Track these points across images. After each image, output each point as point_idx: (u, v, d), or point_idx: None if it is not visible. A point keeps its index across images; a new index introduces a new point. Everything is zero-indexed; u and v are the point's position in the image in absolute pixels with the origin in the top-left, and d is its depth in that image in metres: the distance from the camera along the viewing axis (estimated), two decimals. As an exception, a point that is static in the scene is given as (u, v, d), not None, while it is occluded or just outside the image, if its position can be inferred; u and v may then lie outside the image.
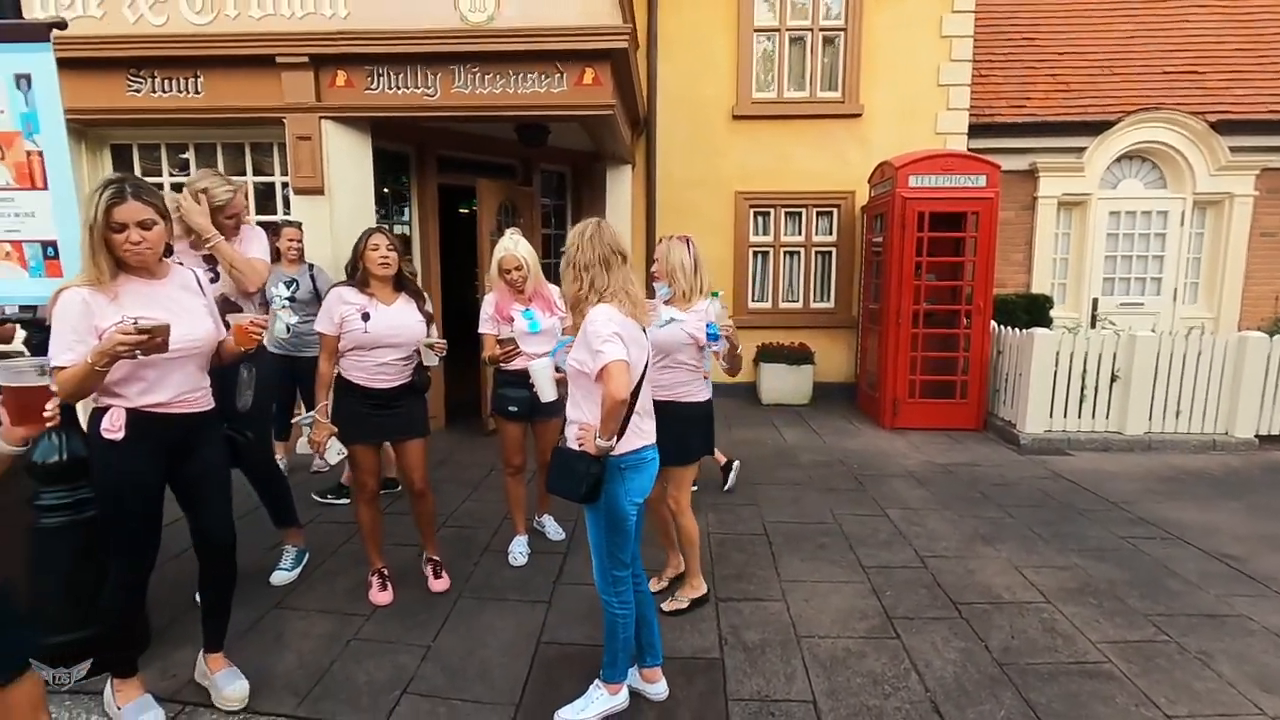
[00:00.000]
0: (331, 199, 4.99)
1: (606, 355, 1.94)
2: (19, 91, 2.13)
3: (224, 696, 2.20)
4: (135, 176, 1.98)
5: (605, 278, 2.07)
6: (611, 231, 2.14)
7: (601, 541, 2.17)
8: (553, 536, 3.60)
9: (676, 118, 7.21)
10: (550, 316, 3.19)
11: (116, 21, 4.95)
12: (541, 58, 4.70)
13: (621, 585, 2.19)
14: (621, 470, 2.10)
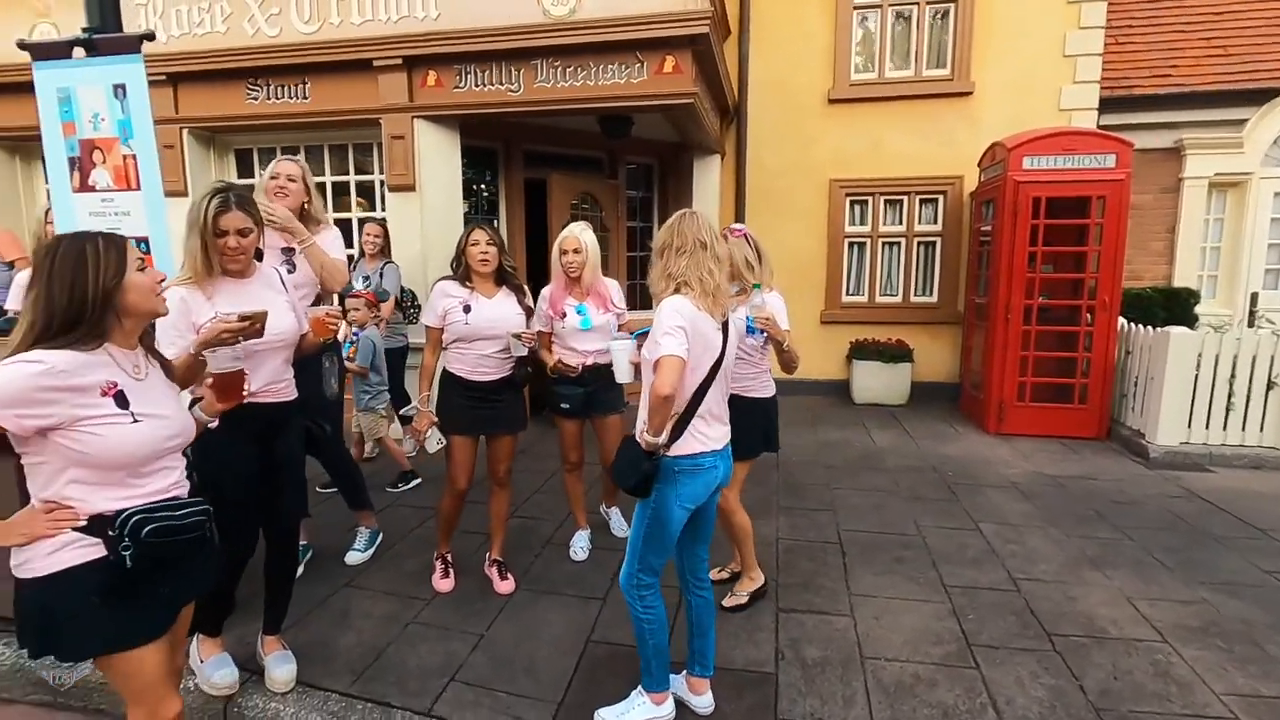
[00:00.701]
0: (422, 195, 5.18)
1: (661, 348, 1.90)
2: (116, 100, 2.32)
3: (272, 678, 2.31)
4: (238, 186, 2.14)
5: (680, 266, 2.01)
6: (699, 220, 2.06)
7: (638, 540, 2.10)
8: (616, 532, 3.56)
9: (768, 104, 6.96)
10: (604, 313, 3.11)
11: (238, 35, 5.36)
12: (621, 48, 4.66)
13: (646, 591, 2.12)
14: (675, 473, 2.02)
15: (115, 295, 1.46)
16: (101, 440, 1.41)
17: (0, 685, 2.47)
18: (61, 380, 1.37)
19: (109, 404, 1.43)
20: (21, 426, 1.35)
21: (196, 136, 5.68)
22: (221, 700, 2.28)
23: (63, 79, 2.34)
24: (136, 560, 1.45)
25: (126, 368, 1.50)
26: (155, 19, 5.48)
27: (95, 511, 1.45)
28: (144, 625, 1.53)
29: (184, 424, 1.62)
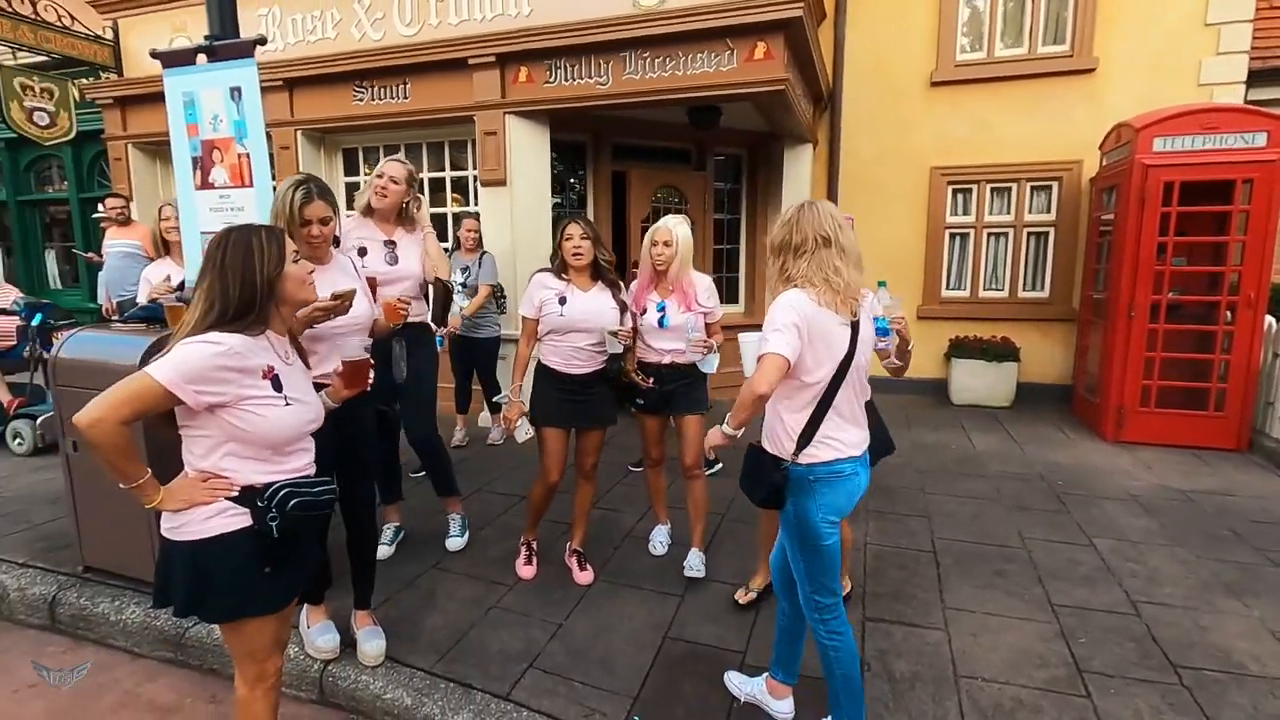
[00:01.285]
0: (512, 189, 5.30)
1: (768, 344, 1.82)
2: (233, 102, 2.47)
3: (363, 652, 2.42)
4: (318, 179, 2.25)
5: (801, 269, 1.89)
6: (820, 212, 1.92)
7: (798, 560, 1.98)
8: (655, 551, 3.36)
9: (865, 89, 6.65)
10: (685, 312, 2.96)
11: (346, 40, 5.67)
12: (711, 35, 4.57)
13: (828, 613, 1.97)
14: (812, 483, 1.89)
15: (277, 284, 1.57)
16: (262, 419, 1.53)
17: (130, 641, 2.72)
18: (236, 361, 1.48)
19: (267, 386, 1.54)
20: (198, 401, 1.46)
21: (309, 137, 6.04)
22: (321, 664, 2.41)
23: (187, 84, 2.54)
24: (281, 531, 1.56)
25: (280, 353, 1.63)
26: (274, 29, 5.87)
27: (246, 483, 1.56)
28: (280, 593, 1.67)
29: (319, 409, 1.75)
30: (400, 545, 3.32)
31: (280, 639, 1.77)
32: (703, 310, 2.99)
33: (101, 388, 1.46)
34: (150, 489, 1.53)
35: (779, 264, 1.96)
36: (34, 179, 9.00)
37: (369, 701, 2.31)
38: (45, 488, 4.03)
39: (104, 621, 2.75)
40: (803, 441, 1.88)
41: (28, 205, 9.00)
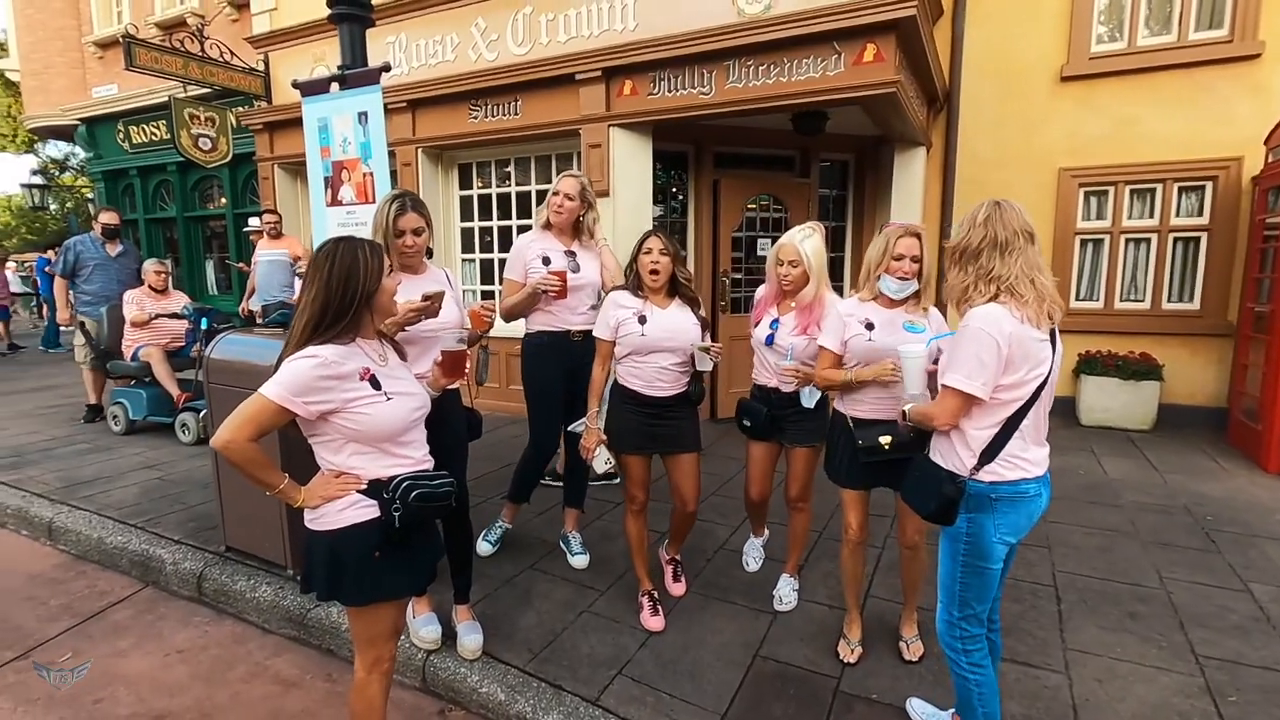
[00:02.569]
0: (614, 201, 5.40)
1: (953, 379, 1.71)
2: (360, 125, 2.68)
3: (462, 645, 2.53)
4: (413, 194, 2.41)
5: (1011, 269, 1.70)
6: (1014, 210, 1.76)
7: (953, 580, 1.85)
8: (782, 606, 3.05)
9: (985, 88, 6.27)
10: (798, 335, 2.64)
11: (464, 62, 6.00)
12: (817, 40, 4.47)
13: (972, 643, 1.87)
14: (993, 501, 1.76)
15: (375, 296, 1.70)
16: (369, 418, 1.66)
17: (261, 617, 2.98)
18: (333, 370, 1.61)
19: (366, 387, 1.67)
20: (310, 411, 1.61)
21: (428, 154, 6.44)
22: (425, 653, 2.55)
23: (322, 110, 2.78)
24: (403, 520, 1.67)
25: (373, 355, 1.75)
26: (401, 54, 6.31)
27: (373, 477, 1.70)
28: (406, 580, 1.81)
29: (424, 398, 1.87)
30: (503, 544, 3.44)
31: (397, 627, 1.89)
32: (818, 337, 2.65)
33: (245, 385, 1.64)
34: (291, 491, 1.69)
35: (977, 265, 1.75)
36: (198, 197, 10.15)
37: (466, 694, 2.42)
38: (201, 473, 4.50)
39: (240, 597, 3.04)
40: (985, 459, 1.75)
41: (193, 220, 10.16)
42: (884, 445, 2.26)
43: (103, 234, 6.05)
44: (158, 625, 2.97)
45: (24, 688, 2.56)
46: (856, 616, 2.59)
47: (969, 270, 1.77)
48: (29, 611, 3.09)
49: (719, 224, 6.09)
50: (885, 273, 2.34)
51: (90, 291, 5.93)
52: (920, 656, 2.50)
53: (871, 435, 2.29)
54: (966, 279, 1.77)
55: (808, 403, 2.65)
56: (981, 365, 1.66)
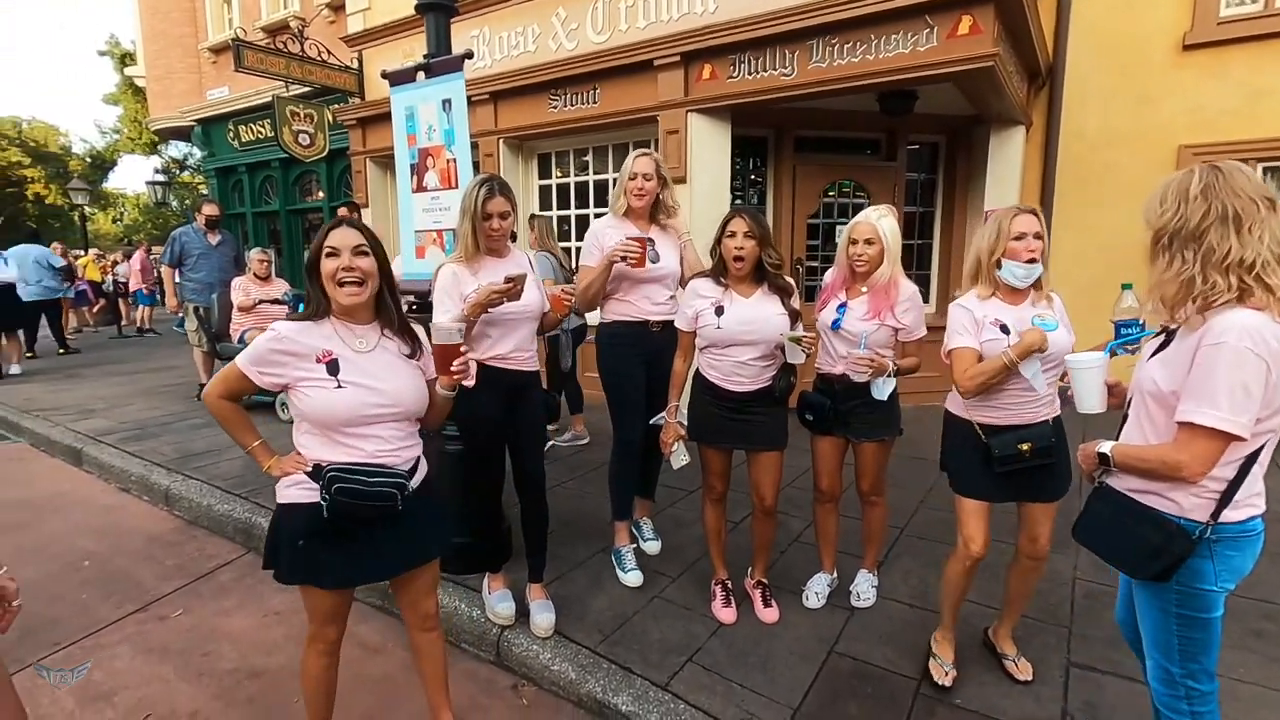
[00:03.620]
0: (691, 187, 5.34)
1: (1210, 418, 1.32)
2: (444, 113, 2.75)
3: (535, 623, 2.58)
4: (500, 178, 2.42)
5: (1239, 243, 1.32)
6: (1242, 173, 1.38)
7: (1166, 633, 1.52)
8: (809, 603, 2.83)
9: (1094, 60, 5.80)
10: (870, 320, 2.46)
11: (544, 53, 6.08)
12: (908, 13, 4.26)
13: (1201, 703, 1.51)
14: (1212, 543, 1.43)
15: (315, 275, 1.69)
16: (310, 400, 1.65)
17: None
18: (284, 345, 1.65)
19: (320, 369, 1.65)
20: (262, 381, 1.67)
21: (509, 144, 6.57)
22: (499, 629, 2.61)
23: (409, 99, 2.86)
24: (330, 510, 1.62)
25: (349, 341, 1.71)
26: (484, 47, 6.46)
27: (316, 460, 1.69)
28: (334, 574, 1.72)
29: (399, 397, 1.73)
30: (576, 527, 3.48)
31: (339, 613, 1.82)
32: (895, 326, 2.48)
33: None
34: (260, 455, 1.76)
35: (1194, 257, 1.37)
36: (298, 191, 10.78)
37: (538, 670, 2.46)
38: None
39: (331, 566, 3.20)
40: (1223, 503, 1.41)
41: (293, 213, 10.80)
42: (1025, 452, 2.05)
43: (205, 225, 6.49)
44: (258, 588, 3.17)
45: (143, 638, 2.79)
46: (952, 635, 2.35)
47: (1187, 258, 1.38)
48: (148, 569, 3.37)
49: (795, 211, 5.94)
50: (1005, 258, 2.06)
51: (196, 279, 6.38)
52: (1032, 678, 2.28)
53: (1008, 443, 2.06)
54: (1186, 270, 1.38)
55: (880, 395, 2.45)
56: (1247, 397, 1.30)
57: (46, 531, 3.81)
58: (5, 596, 1.44)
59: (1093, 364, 1.70)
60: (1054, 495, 2.19)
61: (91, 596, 3.11)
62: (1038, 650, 2.45)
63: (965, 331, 2.12)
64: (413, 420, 1.82)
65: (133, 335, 12.39)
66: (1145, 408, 1.51)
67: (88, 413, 6.06)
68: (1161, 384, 1.43)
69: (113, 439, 5.16)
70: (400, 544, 1.78)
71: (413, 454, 1.81)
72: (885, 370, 2.41)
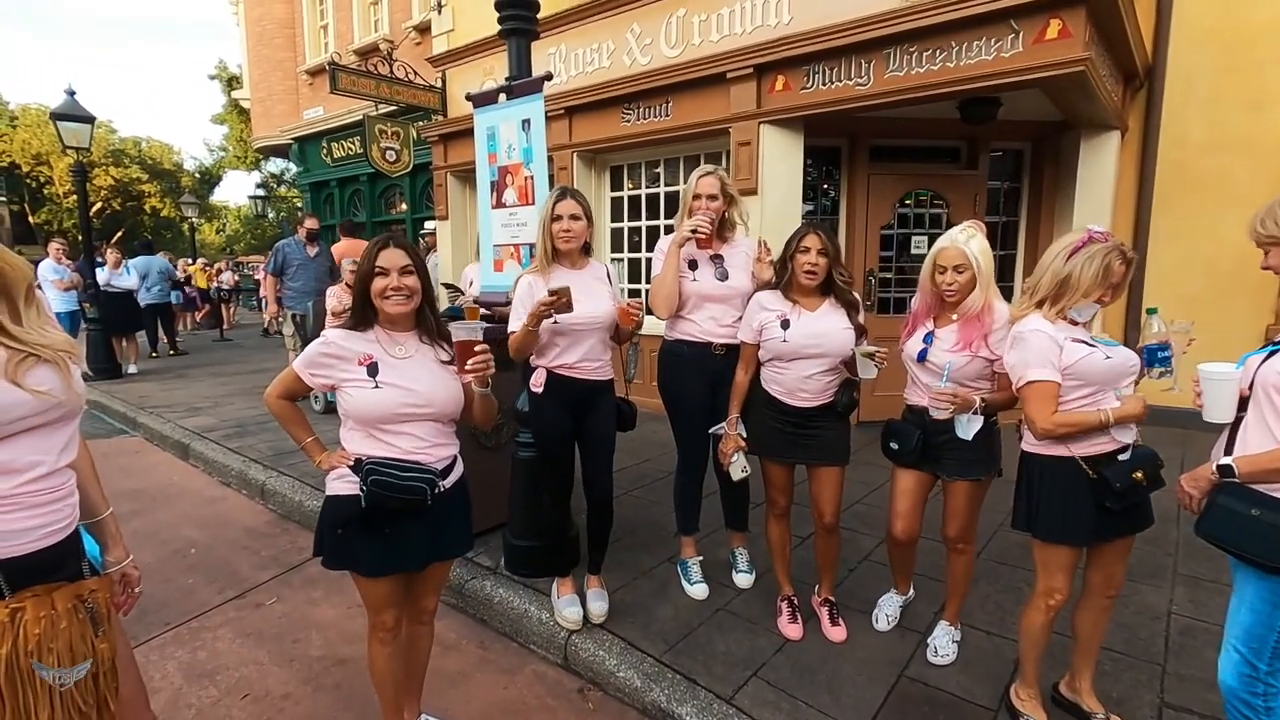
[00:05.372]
0: (762, 199, 5.33)
1: None
2: (524, 132, 2.87)
3: (590, 610, 2.70)
4: (575, 188, 2.52)
5: None
6: None
7: (1269, 629, 1.61)
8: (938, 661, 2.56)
9: (1198, 61, 5.45)
10: (960, 351, 2.26)
11: (618, 68, 6.22)
12: (992, 19, 4.13)
13: (1275, 698, 1.62)
14: None
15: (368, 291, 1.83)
16: (352, 399, 1.80)
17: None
18: (332, 350, 1.81)
19: (361, 372, 1.80)
20: (314, 382, 1.83)
21: (582, 157, 6.73)
22: (567, 632, 2.68)
23: (491, 120, 3.00)
24: (366, 500, 1.76)
25: (389, 348, 1.85)
26: (560, 64, 6.65)
27: (357, 454, 1.83)
28: (372, 562, 1.85)
29: (432, 398, 1.84)
30: (636, 536, 3.53)
31: (391, 600, 1.94)
32: (989, 357, 2.25)
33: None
34: (313, 450, 1.91)
35: None
36: (384, 204, 11.36)
37: (604, 676, 2.51)
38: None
39: (409, 564, 3.36)
40: None
41: (379, 224, 11.38)
42: (1140, 480, 1.89)
43: (306, 237, 6.94)
44: (343, 580, 3.33)
45: (241, 623, 3.01)
46: (1037, 692, 2.18)
47: None
48: (245, 559, 3.63)
49: (868, 223, 5.83)
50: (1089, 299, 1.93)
51: (295, 288, 6.82)
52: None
53: (1123, 474, 1.89)
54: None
55: (964, 434, 2.23)
56: None
57: (157, 520, 4.16)
58: (130, 582, 1.61)
59: (1230, 375, 1.72)
60: (1148, 524, 2.02)
61: (196, 582, 3.38)
62: (1126, 687, 2.32)
63: (1049, 363, 1.90)
64: (447, 421, 1.93)
65: (231, 339, 13.32)
66: (1273, 406, 1.57)
67: (194, 410, 6.57)
68: None
69: (215, 435, 5.58)
70: (429, 539, 1.90)
71: (446, 453, 1.92)
72: (971, 406, 2.19)
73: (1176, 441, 4.29)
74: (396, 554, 1.86)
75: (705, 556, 3.14)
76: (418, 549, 1.89)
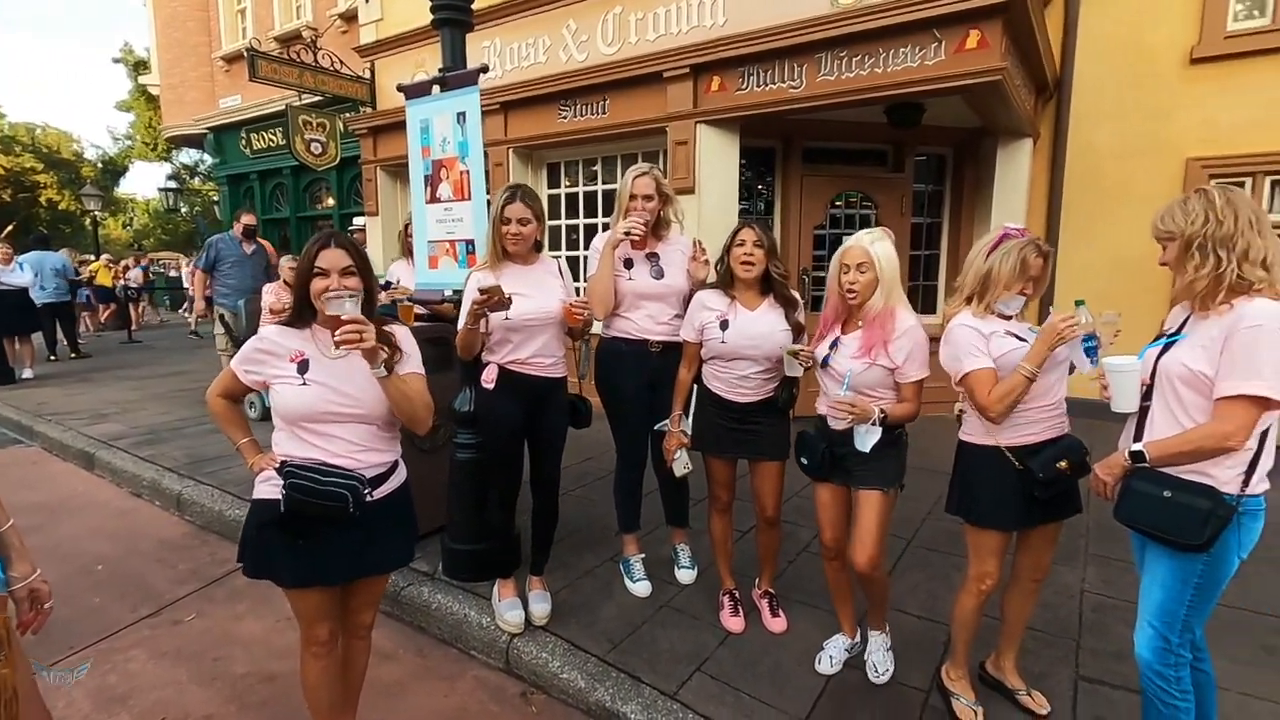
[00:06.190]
0: (699, 198, 5.38)
1: (1257, 387, 1.53)
2: (459, 125, 2.79)
3: (531, 612, 2.66)
4: (527, 187, 2.49)
5: (1262, 241, 1.59)
6: (1239, 192, 1.67)
7: (1179, 604, 1.71)
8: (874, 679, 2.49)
9: (1102, 74, 5.82)
10: (860, 358, 2.20)
11: (554, 64, 6.15)
12: (916, 27, 4.30)
13: (1184, 668, 1.75)
14: (1241, 515, 1.63)
15: (301, 287, 1.77)
16: (279, 395, 1.75)
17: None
18: (265, 345, 1.77)
19: (291, 368, 1.75)
20: (247, 379, 1.79)
21: (518, 154, 6.63)
22: (509, 636, 2.63)
23: (424, 112, 2.92)
24: (285, 506, 1.68)
25: (324, 347, 1.76)
26: (495, 58, 6.53)
27: (284, 456, 1.76)
28: (294, 572, 1.76)
29: (362, 399, 1.76)
30: (579, 536, 3.51)
31: (322, 613, 1.84)
32: (888, 366, 2.19)
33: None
34: (247, 451, 1.86)
35: (1228, 256, 1.60)
36: (308, 199, 10.89)
37: (548, 678, 2.47)
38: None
39: (341, 572, 3.23)
40: (1250, 472, 1.62)
41: (304, 220, 10.90)
42: (1065, 469, 1.97)
43: (243, 233, 6.55)
44: (270, 593, 3.17)
45: (156, 642, 2.82)
46: (967, 671, 2.27)
47: (1223, 256, 1.59)
48: (160, 574, 3.40)
49: (800, 224, 5.98)
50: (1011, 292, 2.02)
51: (229, 285, 6.38)
52: (1049, 711, 2.20)
53: (1048, 463, 1.97)
54: (1222, 267, 1.59)
55: (862, 446, 2.16)
56: None
57: (60, 535, 3.85)
58: (39, 598, 1.48)
59: (1133, 367, 1.81)
60: (1076, 510, 2.13)
61: (105, 600, 3.15)
62: (1045, 664, 2.46)
63: (979, 352, 1.99)
64: (383, 425, 1.84)
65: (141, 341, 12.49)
66: (1175, 394, 1.68)
67: (100, 417, 6.12)
68: (1195, 366, 1.63)
69: (125, 443, 5.21)
70: (356, 551, 1.80)
71: (380, 460, 1.84)
72: (869, 417, 2.13)
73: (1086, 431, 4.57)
74: (318, 565, 1.76)
75: (648, 554, 3.15)
76: (341, 561, 1.79)
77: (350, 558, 1.80)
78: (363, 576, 1.89)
